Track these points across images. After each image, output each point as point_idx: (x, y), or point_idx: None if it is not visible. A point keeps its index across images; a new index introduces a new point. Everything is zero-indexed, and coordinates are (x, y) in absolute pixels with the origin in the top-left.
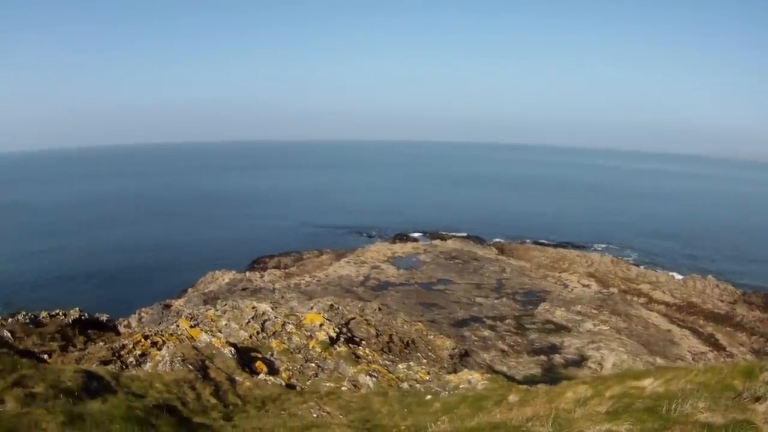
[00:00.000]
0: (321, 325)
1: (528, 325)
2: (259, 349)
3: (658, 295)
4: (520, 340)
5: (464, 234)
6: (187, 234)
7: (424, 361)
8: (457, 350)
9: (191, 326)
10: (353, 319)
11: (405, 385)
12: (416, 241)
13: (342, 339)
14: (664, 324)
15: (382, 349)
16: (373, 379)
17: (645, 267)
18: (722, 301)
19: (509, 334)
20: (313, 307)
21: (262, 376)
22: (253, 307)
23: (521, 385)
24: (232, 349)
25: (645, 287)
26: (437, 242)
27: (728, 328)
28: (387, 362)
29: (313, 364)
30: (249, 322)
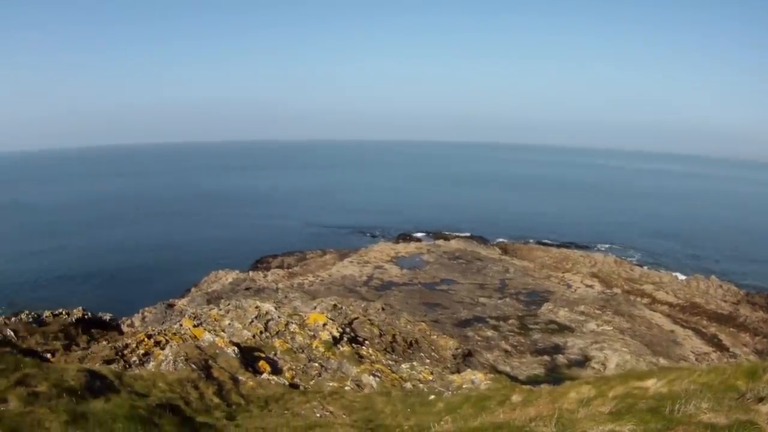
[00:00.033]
0: (324, 325)
1: (531, 326)
2: (263, 349)
3: (661, 295)
4: (524, 341)
5: (467, 234)
6: (190, 233)
7: (428, 361)
8: (460, 350)
9: (194, 326)
10: (356, 318)
11: (408, 385)
12: (419, 241)
13: (345, 339)
14: (668, 324)
15: (386, 349)
16: (376, 378)
17: (648, 267)
18: (725, 302)
19: (512, 334)
20: (316, 307)
21: (265, 375)
22: (257, 307)
23: (524, 386)
24: (236, 349)
25: (648, 288)
26: (440, 242)
27: (731, 329)
28: (390, 362)
29: (317, 364)
30: (252, 321)
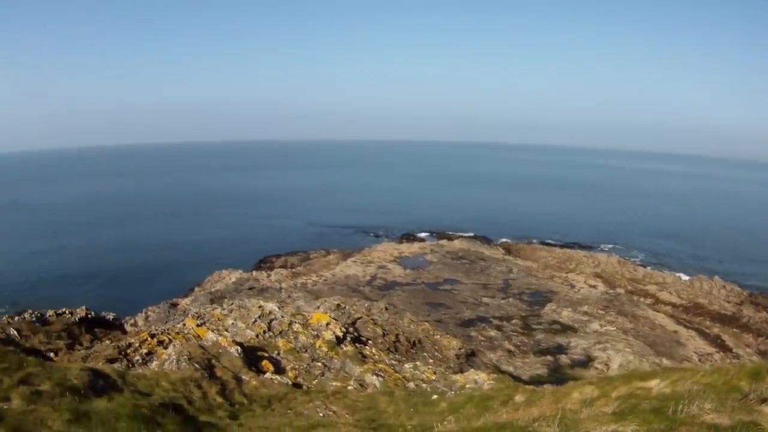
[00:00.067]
0: (327, 325)
1: (534, 326)
2: (266, 348)
3: (664, 296)
4: (527, 341)
5: (471, 234)
6: (194, 233)
7: (431, 361)
8: (463, 350)
9: (198, 325)
10: (360, 318)
11: (411, 384)
12: (423, 241)
13: (348, 338)
14: (671, 325)
15: (389, 349)
16: (379, 378)
17: (652, 268)
18: (729, 302)
19: (516, 334)
20: (319, 307)
21: (268, 375)
22: (260, 307)
23: (527, 386)
24: (239, 348)
25: (652, 288)
26: (444, 242)
27: (735, 330)
28: (393, 362)
29: (320, 364)
30: (255, 321)
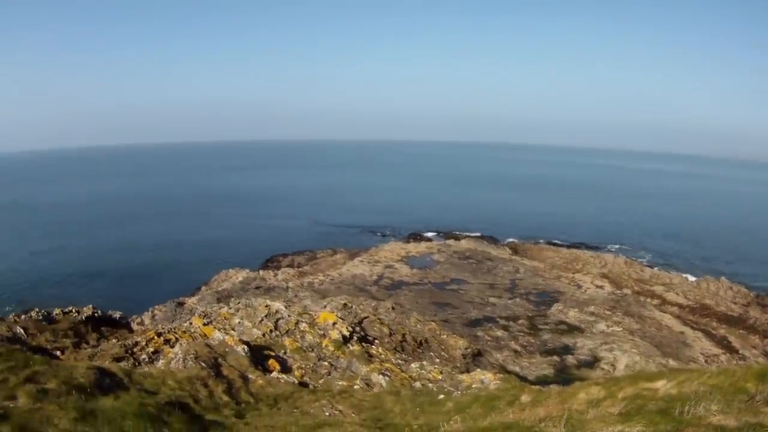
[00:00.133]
0: (334, 324)
1: (541, 326)
2: (272, 348)
3: (671, 296)
4: (533, 341)
5: (478, 234)
6: (200, 233)
7: (437, 361)
8: (470, 350)
9: (204, 324)
10: (366, 318)
11: (418, 384)
12: (430, 240)
13: (355, 338)
14: (677, 326)
15: (395, 348)
16: (385, 378)
17: (658, 268)
18: (735, 304)
19: (522, 334)
20: (326, 306)
21: (274, 374)
22: (267, 306)
23: (534, 386)
24: (245, 347)
25: (658, 289)
26: (451, 242)
27: (741, 331)
28: (400, 361)
29: (326, 363)
30: (262, 320)
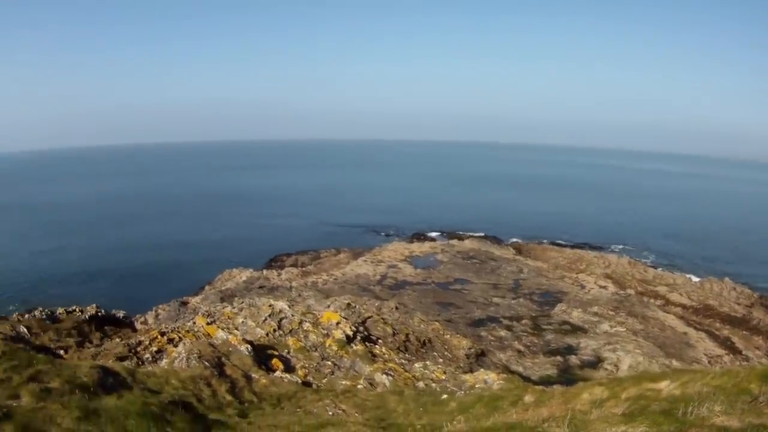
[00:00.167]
0: (338, 324)
1: (544, 326)
2: (276, 347)
3: (674, 297)
4: (537, 341)
5: (481, 234)
6: (204, 232)
7: (441, 361)
8: (473, 350)
9: (208, 323)
10: (370, 317)
11: (421, 384)
12: (434, 240)
13: (358, 337)
14: (681, 326)
15: (399, 348)
16: (389, 377)
17: (662, 269)
18: (739, 304)
19: (526, 334)
20: (330, 306)
21: (278, 373)
22: (270, 305)
23: (537, 386)
24: (249, 347)
25: (662, 289)
26: (454, 242)
27: (745, 332)
28: (403, 361)
29: (330, 362)
30: (266, 319)
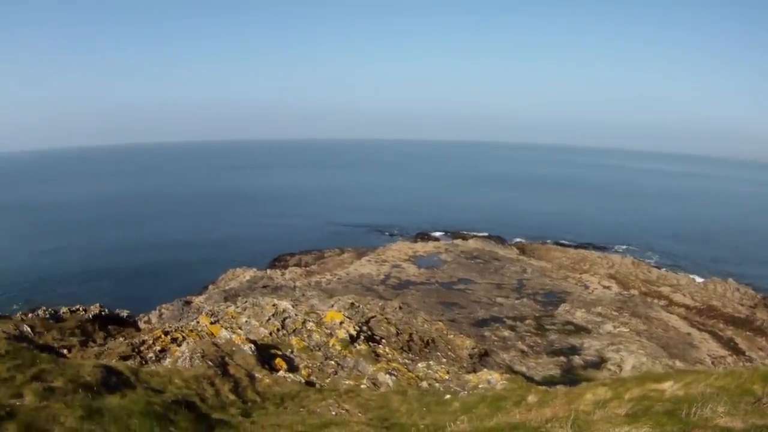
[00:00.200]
0: (341, 323)
1: (548, 326)
2: (279, 346)
3: (678, 297)
4: (540, 341)
5: (485, 234)
6: (208, 232)
7: (444, 361)
8: (476, 350)
9: (211, 323)
10: (374, 317)
11: (424, 384)
12: (437, 240)
13: (362, 337)
14: (684, 327)
15: (402, 348)
16: (392, 377)
17: (666, 269)
18: (742, 305)
19: (529, 334)
20: (333, 305)
21: (281, 373)
22: (274, 305)
23: (540, 386)
24: (252, 346)
25: (665, 290)
26: (458, 242)
27: (748, 333)
28: (407, 361)
29: (333, 362)
30: (269, 319)
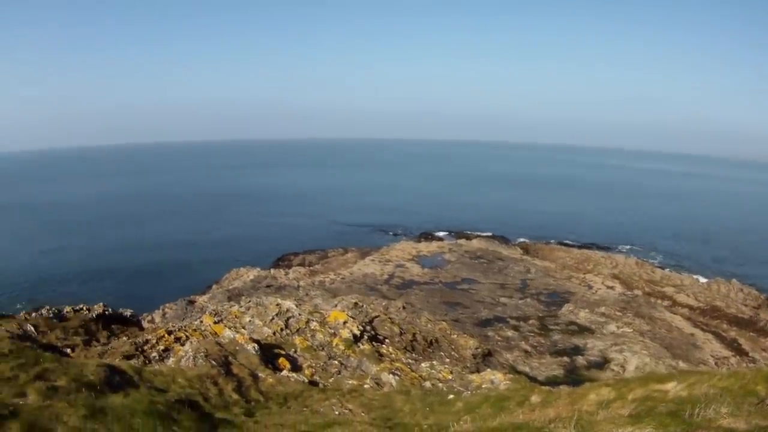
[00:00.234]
0: (345, 323)
1: (551, 326)
2: (283, 346)
3: (682, 298)
4: (543, 341)
5: (489, 233)
6: (211, 231)
7: (447, 361)
8: (480, 350)
9: (215, 322)
10: (377, 317)
11: (428, 383)
12: (441, 240)
13: (365, 337)
14: (688, 327)
15: (406, 348)
16: (395, 377)
17: (670, 270)
18: (746, 306)
19: (532, 334)
20: (337, 305)
21: (284, 372)
22: (277, 304)
23: (543, 386)
24: (256, 346)
25: (669, 290)
26: (462, 241)
27: (751, 333)
28: (410, 361)
29: (336, 362)
30: (273, 318)
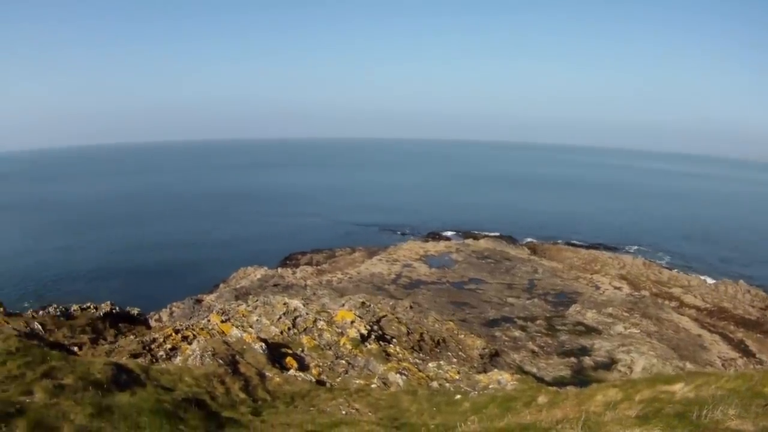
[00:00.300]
0: (352, 323)
1: (559, 327)
2: (290, 345)
3: (689, 299)
4: (551, 342)
5: (497, 233)
6: (219, 230)
7: (455, 361)
8: (487, 350)
9: (222, 321)
10: (384, 316)
11: (435, 384)
12: (449, 239)
13: (373, 336)
14: (695, 329)
15: (413, 348)
16: (402, 377)
17: (677, 270)
18: (753, 307)
19: (540, 335)
20: (344, 304)
21: (292, 371)
22: (285, 303)
23: (551, 387)
24: (263, 345)
25: (676, 291)
26: (470, 241)
27: (759, 335)
28: (417, 361)
29: (344, 361)
30: (280, 318)
